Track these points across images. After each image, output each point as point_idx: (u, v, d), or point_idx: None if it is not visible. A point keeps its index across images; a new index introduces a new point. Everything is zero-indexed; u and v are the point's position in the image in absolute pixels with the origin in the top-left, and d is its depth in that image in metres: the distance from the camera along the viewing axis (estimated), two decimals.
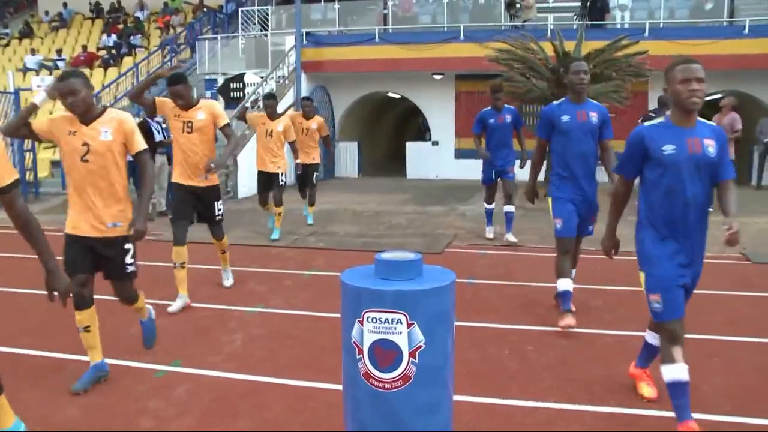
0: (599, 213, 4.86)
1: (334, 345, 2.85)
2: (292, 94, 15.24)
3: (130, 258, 3.83)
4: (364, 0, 18.00)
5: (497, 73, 12.70)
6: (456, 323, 2.53)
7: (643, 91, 14.73)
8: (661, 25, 15.22)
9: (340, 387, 2.57)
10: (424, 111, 17.66)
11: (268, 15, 18.00)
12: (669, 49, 13.53)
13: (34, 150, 12.85)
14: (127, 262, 3.81)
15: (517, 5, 16.03)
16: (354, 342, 2.36)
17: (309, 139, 9.22)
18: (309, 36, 16.43)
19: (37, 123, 3.77)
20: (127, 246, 3.79)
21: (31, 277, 3.49)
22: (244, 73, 15.60)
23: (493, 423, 3.33)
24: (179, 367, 4.08)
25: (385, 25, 17.08)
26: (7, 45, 21.65)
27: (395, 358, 2.30)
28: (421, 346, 2.30)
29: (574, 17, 15.90)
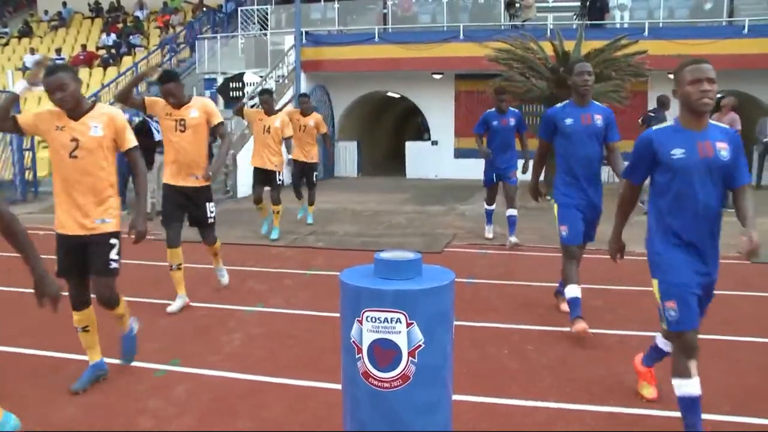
0: (601, 214, 4.80)
1: (334, 344, 2.84)
2: (291, 93, 15.24)
3: (115, 254, 3.68)
4: None
5: (497, 73, 12.73)
6: (455, 323, 2.53)
7: (642, 91, 14.75)
8: (660, 24, 15.24)
9: (339, 387, 2.57)
10: (424, 110, 17.67)
11: (267, 14, 18.02)
12: (668, 49, 13.56)
13: (33, 149, 12.83)
14: (111, 257, 3.66)
15: (517, 5, 16.05)
16: (353, 341, 2.36)
17: (307, 136, 9.11)
18: (308, 35, 16.44)
19: (22, 117, 3.64)
20: (113, 241, 3.66)
21: (31, 277, 3.48)
22: (244, 72, 15.61)
23: (492, 423, 3.33)
24: (179, 366, 4.08)
25: (384, 24, 17.10)
26: (6, 44, 21.66)
27: (394, 358, 2.30)
28: (420, 346, 2.30)
29: (574, 17, 15.93)
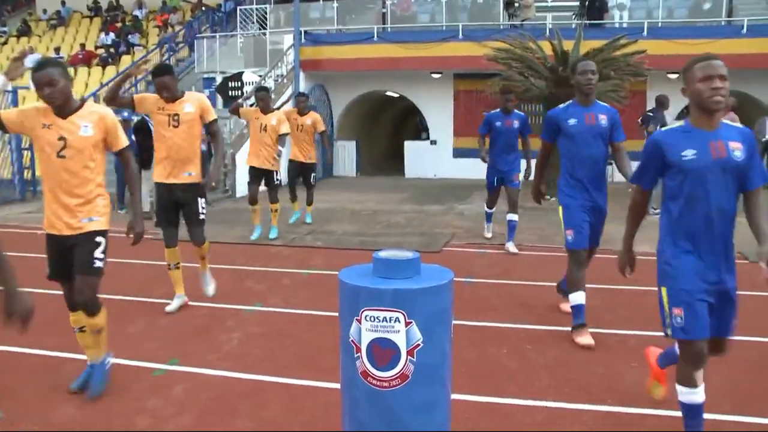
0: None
1: (333, 344, 2.84)
2: (290, 92, 15.23)
3: (100, 253, 3.53)
4: None
5: (495, 72, 12.74)
6: (454, 322, 2.52)
7: (641, 91, 14.76)
8: (659, 24, 15.24)
9: (338, 386, 2.57)
10: (423, 110, 17.66)
11: (266, 13, 18.00)
12: (667, 49, 13.58)
13: (32, 148, 12.81)
14: (95, 255, 3.51)
15: (516, 4, 16.05)
16: (352, 340, 2.36)
17: (304, 135, 9.01)
18: (307, 35, 16.42)
19: (6, 114, 3.53)
20: (99, 239, 3.53)
21: (30, 276, 3.47)
22: (243, 71, 15.59)
23: (491, 422, 3.33)
24: (177, 366, 4.07)
25: (383, 23, 17.09)
26: (5, 43, 21.62)
27: (393, 357, 2.30)
28: (419, 345, 2.30)
29: (573, 16, 15.93)
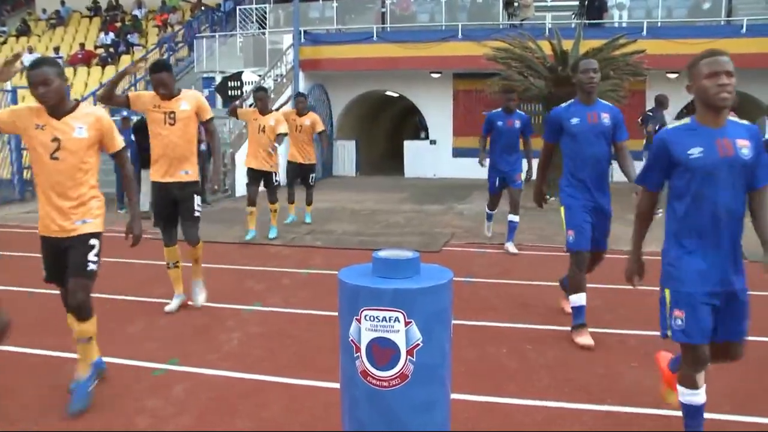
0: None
1: (333, 344, 2.84)
2: (290, 92, 15.23)
3: (94, 255, 3.48)
4: None
5: (495, 72, 12.73)
6: (454, 322, 2.53)
7: (640, 90, 14.75)
8: (658, 24, 15.25)
9: (338, 386, 2.57)
10: (422, 109, 17.67)
11: (266, 13, 18.01)
12: (667, 48, 13.58)
13: None
14: (89, 258, 3.46)
15: (515, 4, 16.04)
16: (352, 340, 2.36)
17: (304, 135, 8.98)
18: (307, 34, 16.42)
19: None
20: (92, 242, 3.48)
21: (30, 276, 3.48)
22: (242, 71, 15.60)
23: (490, 422, 3.33)
24: (177, 365, 4.07)
25: (383, 23, 17.09)
26: (4, 43, 21.61)
27: (393, 357, 2.30)
28: (418, 345, 2.30)
29: (572, 16, 15.92)
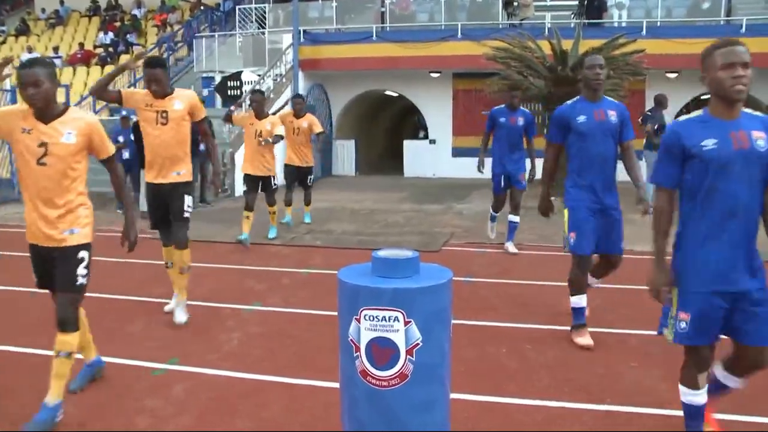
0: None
1: (333, 343, 2.84)
2: (289, 92, 15.23)
3: (83, 268, 3.34)
4: None
5: (494, 72, 12.74)
6: (453, 321, 2.53)
7: (640, 90, 14.76)
8: (658, 23, 15.26)
9: (337, 385, 2.57)
10: (422, 109, 17.67)
11: (265, 13, 18.00)
12: (666, 48, 13.59)
13: None
14: (78, 272, 3.31)
15: (515, 3, 16.05)
16: (351, 340, 2.36)
17: (301, 137, 8.79)
18: (306, 34, 16.42)
19: None
20: (81, 255, 3.33)
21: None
22: (242, 71, 15.59)
23: (490, 422, 3.33)
24: (177, 365, 4.07)
25: (382, 23, 17.09)
26: (3, 42, 21.60)
27: (392, 356, 2.30)
28: (418, 344, 2.30)
29: (572, 15, 15.92)
